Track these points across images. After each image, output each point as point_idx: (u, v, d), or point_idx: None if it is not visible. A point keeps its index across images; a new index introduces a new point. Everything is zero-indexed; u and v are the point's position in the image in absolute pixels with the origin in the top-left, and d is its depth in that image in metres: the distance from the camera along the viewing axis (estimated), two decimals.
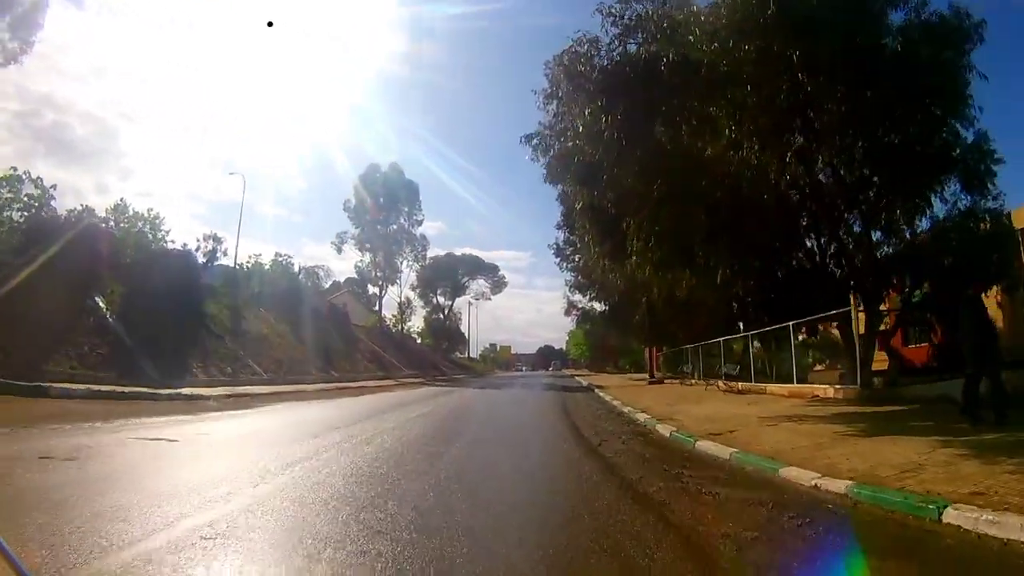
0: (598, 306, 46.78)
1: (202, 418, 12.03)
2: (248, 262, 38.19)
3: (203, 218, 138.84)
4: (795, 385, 15.45)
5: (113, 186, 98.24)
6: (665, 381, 29.98)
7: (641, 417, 12.28)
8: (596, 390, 24.41)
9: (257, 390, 20.11)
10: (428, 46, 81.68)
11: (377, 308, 60.48)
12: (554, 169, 14.66)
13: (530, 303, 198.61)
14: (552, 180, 21.24)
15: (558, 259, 42.28)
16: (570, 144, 12.43)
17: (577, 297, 49.55)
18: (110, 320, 20.00)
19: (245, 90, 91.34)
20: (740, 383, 18.38)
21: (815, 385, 14.76)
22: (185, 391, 16.48)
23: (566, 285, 48.19)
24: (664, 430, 10.03)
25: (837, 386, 13.62)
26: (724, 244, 12.70)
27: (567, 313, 56.46)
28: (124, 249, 24.15)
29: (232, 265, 35.08)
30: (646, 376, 36.30)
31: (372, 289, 60.70)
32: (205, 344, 24.16)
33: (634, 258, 12.74)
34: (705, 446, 8.09)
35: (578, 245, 39.83)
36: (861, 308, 14.01)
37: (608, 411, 15.03)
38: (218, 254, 34.38)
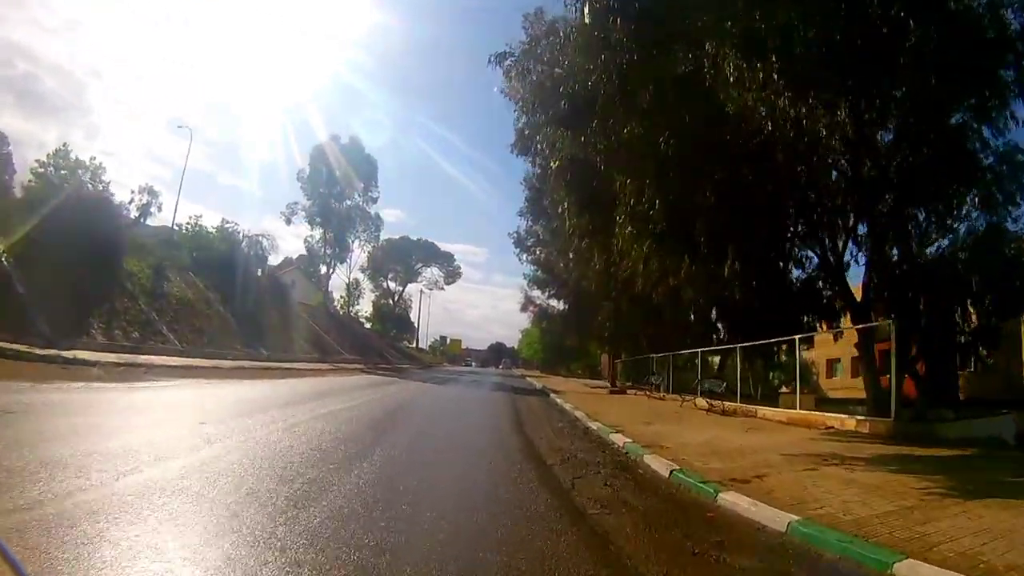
0: (556, 304, 44.27)
1: (47, 388, 9.39)
2: (189, 223, 36.01)
3: (167, 182, 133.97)
4: (797, 411, 12.61)
5: (79, 143, 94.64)
6: (628, 392, 27.30)
7: (618, 440, 9.37)
8: (552, 395, 21.59)
9: (161, 360, 17.66)
10: (402, 22, 78.41)
11: (325, 287, 57.04)
12: (530, 107, 11.22)
13: (485, 298, 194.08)
14: (522, 148, 18.44)
15: (518, 250, 40.37)
16: (557, 69, 9.30)
17: (536, 293, 47.21)
18: (4, 264, 17.29)
19: (218, 59, 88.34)
20: (724, 402, 15.65)
21: (826, 413, 12.01)
22: (68, 354, 14.06)
23: (525, 279, 45.87)
24: (657, 465, 7.10)
25: (860, 417, 10.96)
26: (737, 224, 9.94)
27: (524, 309, 54.05)
28: (56, 193, 22.18)
29: (171, 225, 34.10)
30: (605, 384, 33.80)
31: (323, 268, 57.05)
32: (114, 304, 21.54)
33: (628, 229, 9.67)
34: (735, 501, 5.24)
35: (540, 236, 37.40)
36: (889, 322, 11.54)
37: (571, 425, 12.02)
38: (152, 209, 32.00)
